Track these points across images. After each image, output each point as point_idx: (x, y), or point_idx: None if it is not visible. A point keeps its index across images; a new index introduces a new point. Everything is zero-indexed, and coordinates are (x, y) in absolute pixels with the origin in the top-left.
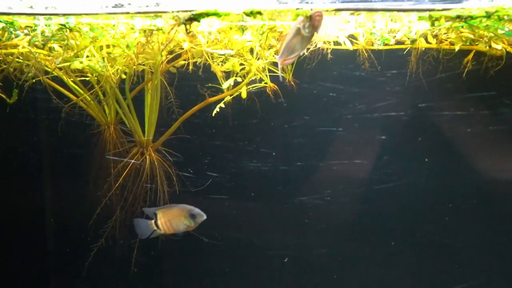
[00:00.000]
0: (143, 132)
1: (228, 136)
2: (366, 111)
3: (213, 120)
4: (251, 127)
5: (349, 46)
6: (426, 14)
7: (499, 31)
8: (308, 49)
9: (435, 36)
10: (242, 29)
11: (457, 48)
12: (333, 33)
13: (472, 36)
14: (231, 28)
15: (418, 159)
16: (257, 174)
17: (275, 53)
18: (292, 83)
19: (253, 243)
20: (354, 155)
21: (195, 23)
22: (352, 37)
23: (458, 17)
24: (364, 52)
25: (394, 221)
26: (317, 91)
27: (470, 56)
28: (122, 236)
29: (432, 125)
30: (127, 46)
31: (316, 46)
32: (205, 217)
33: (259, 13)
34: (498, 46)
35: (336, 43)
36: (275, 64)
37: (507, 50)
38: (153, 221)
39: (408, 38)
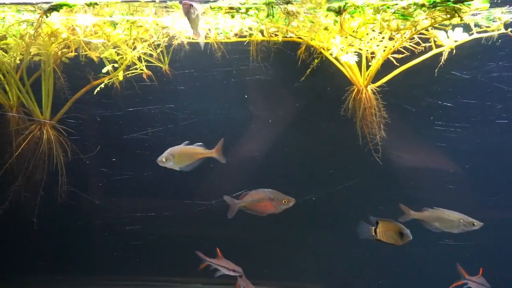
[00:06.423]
0: (41, 112)
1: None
2: None
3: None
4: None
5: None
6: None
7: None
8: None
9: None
10: (114, 24)
11: (280, 39)
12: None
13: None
14: (104, 23)
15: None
16: None
17: None
18: (168, 72)
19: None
20: None
21: (55, 13)
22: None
23: (231, 8)
24: (215, 44)
25: None
26: None
27: (303, 48)
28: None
29: None
30: (20, 37)
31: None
32: (411, 238)
33: (96, 4)
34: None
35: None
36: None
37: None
38: (373, 228)
39: (248, 32)
